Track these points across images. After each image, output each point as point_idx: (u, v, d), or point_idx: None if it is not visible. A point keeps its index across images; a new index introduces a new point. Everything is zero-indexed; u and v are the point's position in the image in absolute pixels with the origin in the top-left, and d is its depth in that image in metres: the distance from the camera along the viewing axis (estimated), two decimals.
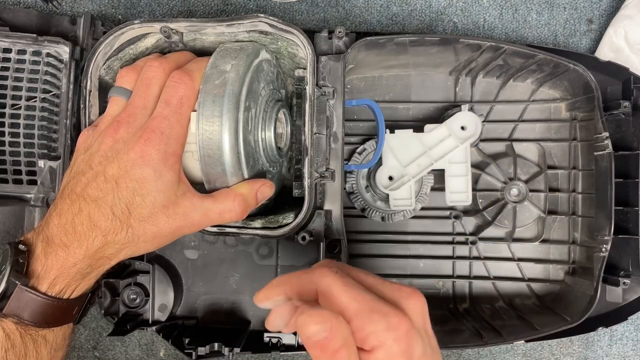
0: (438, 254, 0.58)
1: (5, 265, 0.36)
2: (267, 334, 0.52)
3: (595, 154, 0.53)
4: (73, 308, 0.40)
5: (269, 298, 0.33)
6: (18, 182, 0.50)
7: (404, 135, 0.55)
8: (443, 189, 0.55)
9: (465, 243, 0.58)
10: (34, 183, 0.50)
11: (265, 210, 0.49)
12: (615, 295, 0.53)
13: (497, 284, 0.58)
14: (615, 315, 0.54)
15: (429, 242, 0.58)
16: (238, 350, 0.49)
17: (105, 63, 0.48)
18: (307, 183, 0.46)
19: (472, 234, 0.58)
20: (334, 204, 0.48)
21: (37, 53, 0.50)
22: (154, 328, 0.52)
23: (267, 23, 0.45)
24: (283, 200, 0.52)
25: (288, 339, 0.52)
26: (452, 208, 0.59)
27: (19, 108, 0.49)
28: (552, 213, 0.58)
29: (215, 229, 0.46)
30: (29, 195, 0.50)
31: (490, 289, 0.58)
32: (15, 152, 0.49)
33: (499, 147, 0.58)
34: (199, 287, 0.55)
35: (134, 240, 0.39)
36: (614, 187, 0.50)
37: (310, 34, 0.48)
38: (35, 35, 0.49)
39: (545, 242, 0.58)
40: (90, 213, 0.38)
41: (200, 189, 0.43)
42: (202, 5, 0.61)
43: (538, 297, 0.57)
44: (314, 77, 0.46)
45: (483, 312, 0.56)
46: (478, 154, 0.58)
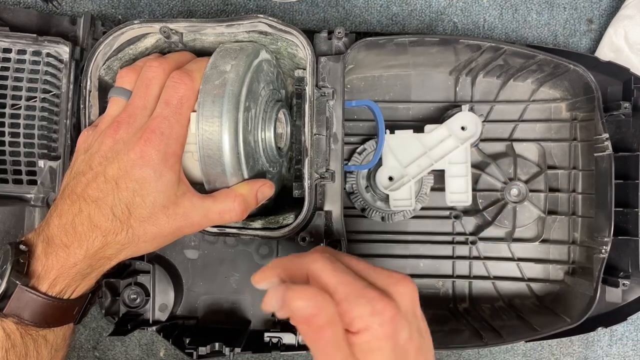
0: (438, 254, 0.58)
1: (6, 266, 0.37)
2: (267, 334, 0.52)
3: (595, 155, 0.53)
4: (73, 308, 0.40)
5: (264, 280, 0.35)
6: (18, 182, 0.50)
7: (404, 136, 0.55)
8: (443, 189, 0.55)
9: (465, 243, 0.58)
10: (34, 183, 0.50)
11: (265, 211, 0.49)
12: (615, 296, 0.53)
13: (497, 284, 0.58)
14: (615, 316, 0.54)
15: (429, 242, 0.58)
16: (238, 350, 0.50)
17: (105, 63, 0.48)
18: (307, 184, 0.46)
19: (472, 234, 0.59)
20: (334, 205, 0.48)
21: (37, 53, 0.50)
22: (155, 328, 0.52)
23: (266, 23, 0.45)
24: (283, 201, 0.52)
25: (288, 339, 0.52)
26: (452, 208, 0.59)
27: (19, 108, 0.49)
28: (552, 213, 0.58)
29: (216, 229, 0.46)
30: (29, 195, 0.50)
31: (490, 289, 0.58)
32: (15, 152, 0.49)
33: (499, 147, 0.58)
34: (199, 287, 0.55)
35: (134, 241, 0.39)
36: (614, 188, 0.50)
37: (310, 35, 0.48)
38: (35, 35, 0.49)
39: (545, 242, 0.58)
40: (91, 214, 0.38)
41: (200, 189, 0.43)
42: (202, 6, 0.61)
43: (538, 297, 0.57)
44: (314, 77, 0.46)
45: (483, 312, 0.56)
46: (478, 154, 0.58)
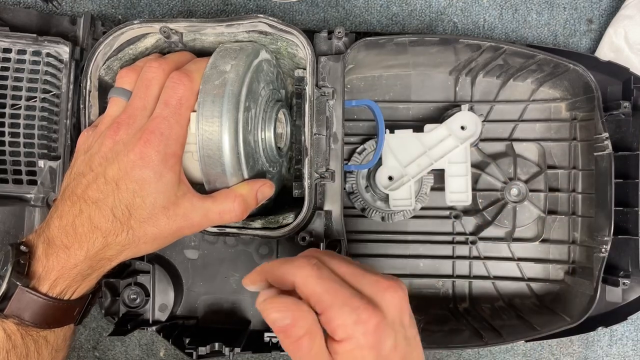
0: (438, 254, 0.58)
1: (7, 267, 0.37)
2: (267, 334, 0.52)
3: (595, 155, 0.53)
4: (74, 309, 0.40)
5: (252, 284, 0.36)
6: (18, 182, 0.50)
7: (404, 135, 0.55)
8: (443, 189, 0.55)
9: (465, 243, 0.58)
10: (34, 183, 0.50)
11: (265, 211, 0.49)
12: (615, 295, 0.53)
13: (497, 284, 0.58)
14: (615, 315, 0.54)
15: (429, 241, 0.58)
16: (238, 350, 0.50)
17: (105, 63, 0.48)
18: (307, 184, 0.46)
19: (472, 234, 0.59)
20: (334, 205, 0.48)
21: (37, 53, 0.50)
22: (154, 328, 0.52)
23: (266, 23, 0.45)
24: (283, 201, 0.52)
25: None
26: (452, 208, 0.59)
27: (19, 108, 0.49)
28: (552, 213, 0.58)
29: (216, 229, 0.46)
30: (29, 195, 0.50)
31: (490, 289, 0.58)
32: (15, 152, 0.49)
33: (499, 147, 0.58)
34: (199, 287, 0.55)
35: (135, 242, 0.39)
36: (614, 187, 0.50)
37: (310, 34, 0.48)
38: (35, 35, 0.49)
39: (545, 242, 0.58)
40: (91, 215, 0.38)
41: (201, 190, 0.43)
42: (202, 5, 0.61)
43: (538, 296, 0.57)
44: (314, 77, 0.46)
45: (483, 311, 0.56)
46: (478, 154, 0.58)
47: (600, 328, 0.53)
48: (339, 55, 0.48)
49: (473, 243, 0.58)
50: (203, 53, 0.46)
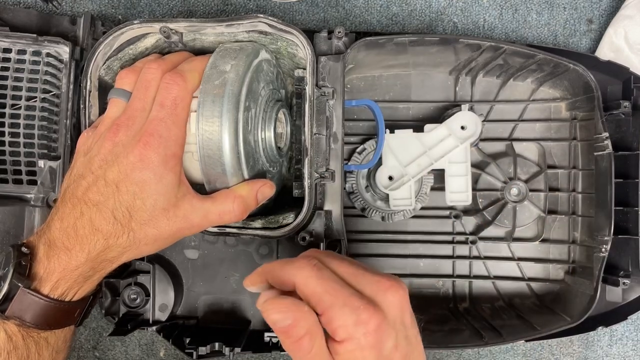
0: (438, 254, 0.58)
1: (8, 268, 0.37)
2: (267, 334, 0.52)
3: (595, 154, 0.53)
4: (75, 310, 0.40)
5: (253, 285, 0.36)
6: (18, 182, 0.50)
7: (404, 135, 0.55)
8: (443, 189, 0.55)
9: (465, 242, 0.58)
10: (34, 183, 0.50)
11: (266, 211, 0.49)
12: (615, 295, 0.53)
13: (497, 284, 0.58)
14: (615, 315, 0.54)
15: (429, 241, 0.58)
16: (239, 350, 0.50)
17: (105, 63, 0.48)
18: (307, 183, 0.46)
19: (472, 234, 0.59)
20: (334, 205, 0.48)
21: (37, 53, 0.50)
22: (154, 328, 0.52)
23: (266, 23, 0.45)
24: (283, 201, 0.52)
25: None
26: (452, 208, 0.59)
27: (19, 108, 0.49)
28: (552, 213, 0.58)
29: (216, 229, 0.46)
30: (29, 195, 0.50)
31: (490, 289, 0.58)
32: (15, 152, 0.49)
33: (499, 146, 0.58)
34: (199, 287, 0.55)
35: (136, 244, 0.39)
36: (614, 187, 0.50)
37: (310, 34, 0.48)
38: (35, 35, 0.49)
39: (545, 241, 0.58)
40: (92, 217, 0.38)
41: (201, 190, 0.43)
42: (202, 5, 0.61)
43: (538, 296, 0.57)
44: (314, 77, 0.46)
45: (483, 311, 0.56)
46: (478, 154, 0.58)
47: (600, 328, 0.53)
48: (339, 55, 0.48)
49: (473, 243, 0.58)
50: (203, 53, 0.46)
